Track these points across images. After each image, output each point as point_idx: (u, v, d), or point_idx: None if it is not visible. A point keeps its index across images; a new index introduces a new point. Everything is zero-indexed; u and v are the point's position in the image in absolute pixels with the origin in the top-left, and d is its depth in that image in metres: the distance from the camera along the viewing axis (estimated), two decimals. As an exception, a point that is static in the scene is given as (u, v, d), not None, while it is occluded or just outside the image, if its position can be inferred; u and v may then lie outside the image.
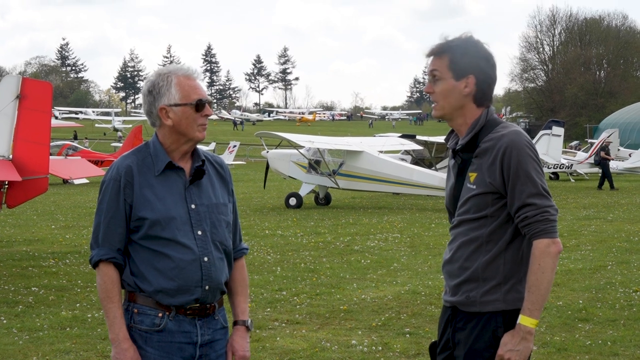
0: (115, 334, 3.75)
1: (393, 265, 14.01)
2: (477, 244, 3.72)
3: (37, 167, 12.70)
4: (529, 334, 3.57)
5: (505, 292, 3.67)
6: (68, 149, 38.25)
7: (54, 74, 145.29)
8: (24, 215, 22.35)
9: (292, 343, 8.68)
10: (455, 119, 3.81)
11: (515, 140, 3.63)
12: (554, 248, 3.58)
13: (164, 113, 3.82)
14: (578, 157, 43.74)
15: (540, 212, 3.59)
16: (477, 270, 3.71)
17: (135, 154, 3.88)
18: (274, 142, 30.04)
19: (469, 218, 3.74)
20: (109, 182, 3.82)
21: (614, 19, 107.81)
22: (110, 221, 3.79)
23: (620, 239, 17.45)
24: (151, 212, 3.76)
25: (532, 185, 3.60)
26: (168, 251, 3.77)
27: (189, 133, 3.84)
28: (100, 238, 3.81)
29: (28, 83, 12.87)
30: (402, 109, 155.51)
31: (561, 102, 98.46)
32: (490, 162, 3.66)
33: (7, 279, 12.42)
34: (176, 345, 3.80)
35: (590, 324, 9.50)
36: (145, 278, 3.79)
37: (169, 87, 3.81)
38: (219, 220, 3.91)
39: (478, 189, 3.69)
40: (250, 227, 19.75)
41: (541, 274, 3.56)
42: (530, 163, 3.61)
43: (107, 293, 3.77)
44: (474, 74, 3.72)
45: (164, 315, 3.79)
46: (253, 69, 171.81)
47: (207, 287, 3.83)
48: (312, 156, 26.33)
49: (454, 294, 3.81)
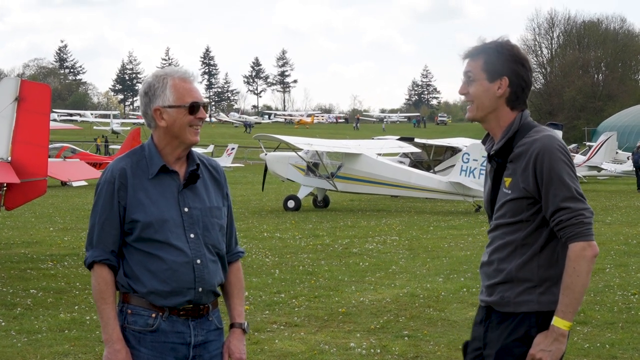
0: (109, 334, 3.78)
1: (391, 267, 14.01)
2: (512, 248, 3.75)
3: (36, 169, 12.68)
4: (561, 336, 3.59)
5: (540, 294, 3.69)
6: (66, 151, 38.28)
7: (52, 76, 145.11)
8: (23, 217, 22.34)
9: (291, 346, 8.69)
10: (489, 122, 3.83)
11: (547, 145, 3.64)
12: (590, 251, 3.59)
13: (158, 114, 3.85)
14: (576, 160, 43.77)
15: (574, 215, 3.61)
16: (512, 272, 3.74)
17: (130, 157, 3.91)
18: (272, 144, 30.07)
19: (505, 222, 3.77)
20: (104, 184, 3.85)
21: (612, 22, 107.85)
22: (104, 223, 3.83)
23: (618, 242, 17.47)
24: (144, 214, 3.79)
25: (565, 189, 3.62)
26: (161, 253, 3.80)
27: (182, 135, 3.86)
28: (94, 239, 3.85)
29: (27, 85, 12.86)
30: (400, 112, 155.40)
31: (559, 105, 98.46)
32: (524, 167, 3.68)
33: (5, 282, 12.42)
34: (169, 346, 3.82)
35: (589, 327, 9.51)
36: (138, 280, 3.81)
37: (164, 89, 3.84)
38: (212, 223, 3.93)
39: (513, 194, 3.72)
40: (249, 229, 19.76)
41: (576, 277, 3.58)
42: (563, 167, 3.63)
43: (101, 294, 3.80)
44: (507, 76, 3.74)
45: (157, 316, 3.81)
46: (251, 71, 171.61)
47: (200, 289, 3.86)
48: (310, 159, 26.34)
49: (489, 295, 3.84)
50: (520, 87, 3.77)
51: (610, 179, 43.91)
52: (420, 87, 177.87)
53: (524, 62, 3.77)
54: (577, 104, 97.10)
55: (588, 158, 42.93)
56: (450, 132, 73.39)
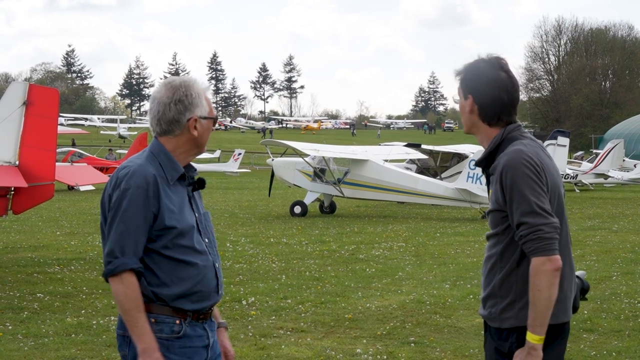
0: (147, 344, 3.69)
1: (398, 274, 14.00)
2: (494, 260, 3.85)
3: (43, 174, 12.72)
4: (532, 350, 3.66)
5: (519, 310, 3.77)
6: (73, 155, 38.34)
7: (60, 80, 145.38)
8: (29, 221, 22.37)
9: (297, 351, 8.68)
10: (476, 135, 4.02)
11: (512, 159, 3.72)
12: (549, 265, 3.62)
13: (193, 123, 3.88)
14: (583, 167, 43.76)
15: (533, 230, 3.64)
16: (495, 287, 3.84)
17: (151, 162, 3.84)
18: (279, 150, 30.08)
19: (490, 234, 3.90)
20: (135, 189, 3.73)
21: (620, 29, 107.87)
22: (137, 230, 3.73)
23: (625, 249, 17.43)
24: (177, 221, 3.79)
25: (525, 204, 3.67)
26: (191, 259, 3.82)
27: (204, 145, 3.99)
28: (126, 247, 3.72)
29: (35, 89, 12.90)
30: (407, 118, 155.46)
31: (566, 112, 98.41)
32: (495, 180, 3.80)
33: (12, 285, 12.44)
34: (195, 350, 3.86)
35: (595, 335, 9.50)
36: (166, 286, 3.79)
37: (200, 99, 3.89)
38: (212, 228, 4.06)
39: (492, 206, 3.85)
40: (255, 235, 19.76)
41: (537, 292, 3.64)
42: (525, 182, 3.68)
43: (135, 302, 3.70)
44: (472, 95, 3.90)
45: (181, 322, 3.82)
46: (258, 77, 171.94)
47: (221, 291, 3.96)
48: (317, 164, 26.36)
49: (482, 308, 3.95)
50: (487, 105, 3.88)
51: (617, 187, 43.81)
52: (427, 94, 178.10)
53: (494, 78, 3.86)
54: (584, 111, 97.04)
55: (595, 165, 42.86)
56: (457, 139, 73.26)
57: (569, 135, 38.50)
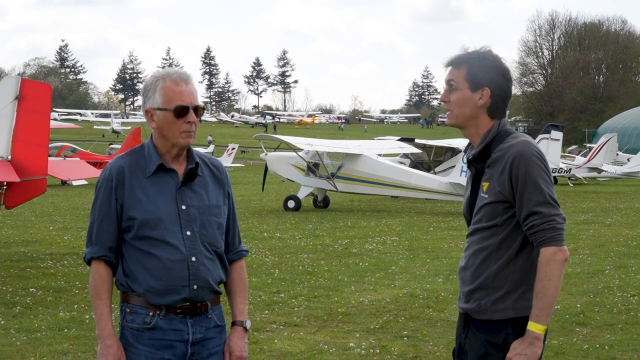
0: (101, 330, 3.83)
1: (391, 268, 14.01)
2: (487, 252, 3.81)
3: (36, 168, 12.66)
4: (536, 339, 3.65)
5: (515, 300, 3.75)
6: (67, 150, 38.25)
7: (53, 75, 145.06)
8: (22, 216, 22.34)
9: (290, 345, 8.68)
10: (468, 128, 3.92)
11: (523, 150, 3.71)
12: (561, 255, 3.64)
13: (149, 116, 3.92)
14: (576, 161, 43.83)
15: (546, 220, 3.65)
16: (488, 279, 3.79)
17: (130, 155, 3.96)
18: (272, 144, 30.06)
19: (482, 227, 3.84)
20: (102, 182, 3.91)
21: (613, 23, 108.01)
22: (103, 220, 3.88)
23: (618, 243, 17.47)
24: (141, 212, 3.83)
25: (539, 194, 3.66)
26: (156, 251, 3.82)
27: (171, 138, 3.89)
28: (93, 236, 3.90)
29: (27, 84, 12.85)
30: (400, 113, 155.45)
31: (560, 106, 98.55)
32: (500, 171, 3.74)
33: (5, 280, 12.41)
34: (166, 343, 3.84)
35: (588, 328, 9.51)
36: (135, 278, 3.85)
37: (155, 91, 3.88)
38: (210, 221, 3.95)
39: (490, 198, 3.78)
40: (249, 229, 19.75)
41: (548, 281, 3.63)
42: (538, 172, 3.69)
43: (95, 290, 3.86)
44: (489, 87, 3.82)
45: (155, 314, 3.84)
46: (252, 71, 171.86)
47: (195, 286, 3.87)
48: (310, 159, 26.34)
49: (466, 301, 3.89)
50: (501, 98, 3.86)
51: (610, 181, 43.88)
52: (421, 88, 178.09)
53: (505, 73, 3.86)
54: (578, 105, 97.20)
55: (588, 160, 42.96)
56: (451, 133, 73.29)
57: (563, 130, 38.60)
